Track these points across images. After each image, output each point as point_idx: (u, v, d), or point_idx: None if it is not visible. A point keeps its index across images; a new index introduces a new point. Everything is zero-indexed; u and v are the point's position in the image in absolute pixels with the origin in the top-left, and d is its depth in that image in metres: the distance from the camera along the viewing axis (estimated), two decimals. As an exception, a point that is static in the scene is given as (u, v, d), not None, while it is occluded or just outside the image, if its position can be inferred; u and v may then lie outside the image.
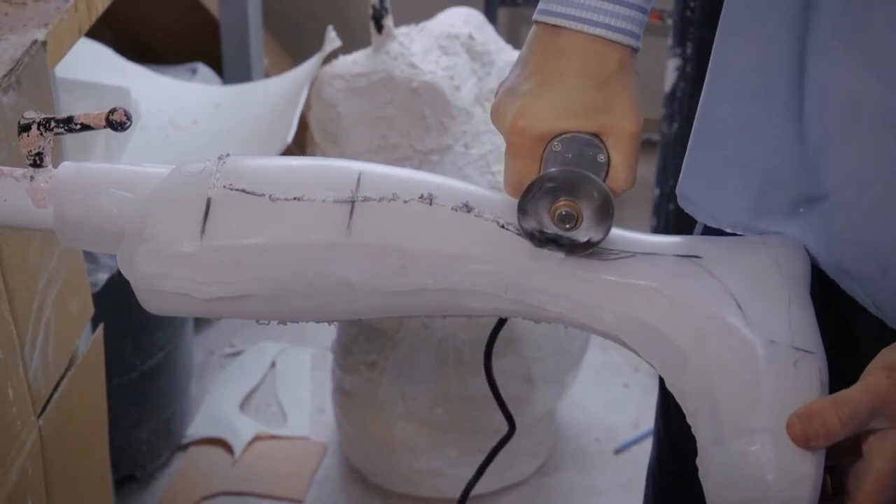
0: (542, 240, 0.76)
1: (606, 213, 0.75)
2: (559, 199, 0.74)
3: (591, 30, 0.75)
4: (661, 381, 1.03)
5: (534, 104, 0.75)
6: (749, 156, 0.81)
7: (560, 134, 0.76)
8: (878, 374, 0.70)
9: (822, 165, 0.77)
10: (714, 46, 0.82)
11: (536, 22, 0.78)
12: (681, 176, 0.86)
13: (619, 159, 0.76)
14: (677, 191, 0.87)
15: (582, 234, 0.75)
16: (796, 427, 0.70)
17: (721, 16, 0.81)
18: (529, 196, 0.75)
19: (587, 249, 0.76)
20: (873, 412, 0.69)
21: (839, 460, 0.73)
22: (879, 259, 0.76)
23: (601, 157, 0.76)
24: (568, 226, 0.75)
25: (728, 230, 0.83)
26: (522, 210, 0.75)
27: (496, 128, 0.79)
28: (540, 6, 0.77)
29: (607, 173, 0.76)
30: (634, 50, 0.77)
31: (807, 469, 0.70)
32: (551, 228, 0.75)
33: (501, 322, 0.87)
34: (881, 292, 0.77)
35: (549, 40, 0.76)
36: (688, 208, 0.86)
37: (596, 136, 0.76)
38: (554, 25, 0.76)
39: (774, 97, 0.78)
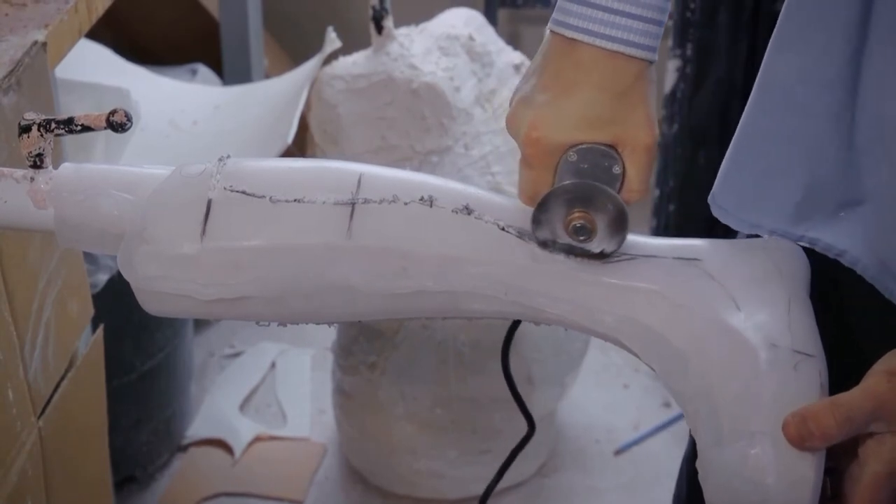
0: (554, 250, 0.76)
1: (621, 226, 0.75)
2: (574, 211, 0.74)
3: (609, 45, 0.74)
4: None
5: (549, 115, 0.75)
6: (794, 164, 0.81)
7: (576, 144, 0.75)
8: (878, 378, 0.70)
9: (868, 168, 0.77)
10: (764, 61, 0.82)
11: (552, 31, 0.77)
12: (716, 187, 0.86)
13: (634, 170, 0.76)
14: (711, 201, 0.86)
15: (595, 246, 0.75)
16: (791, 427, 0.70)
17: (774, 32, 0.81)
18: (544, 207, 0.75)
19: (599, 259, 0.76)
20: (872, 416, 0.69)
21: (838, 463, 0.73)
22: None
23: (616, 169, 0.76)
24: (582, 237, 0.75)
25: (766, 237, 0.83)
26: (536, 221, 0.75)
27: (511, 137, 0.78)
28: (555, 16, 0.76)
29: (622, 184, 0.76)
30: (651, 62, 0.77)
31: (806, 472, 0.70)
32: (565, 239, 0.75)
33: (516, 324, 0.86)
34: None
35: (565, 51, 0.76)
36: (724, 218, 0.85)
37: (611, 147, 0.76)
38: (571, 38, 0.75)
39: (826, 107, 0.78)
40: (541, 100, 0.76)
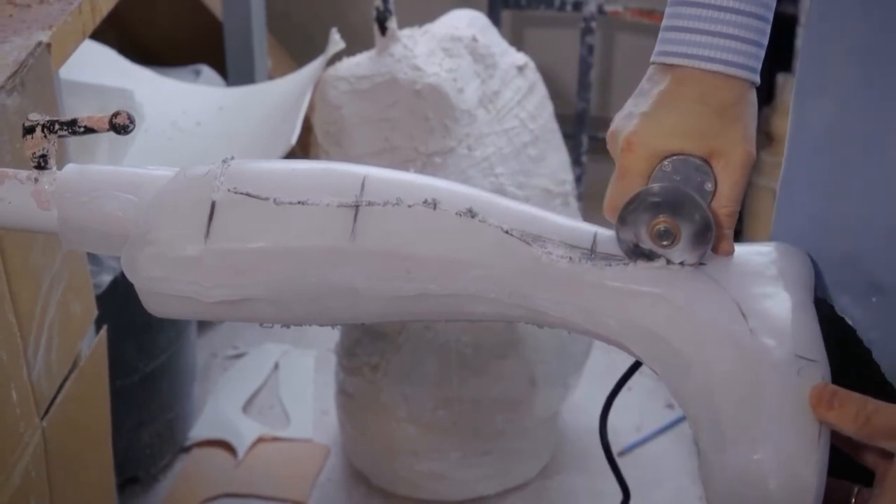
0: (635, 253, 0.76)
1: (704, 239, 0.75)
2: (660, 215, 0.75)
3: (709, 66, 0.75)
4: None
5: (649, 124, 0.76)
6: (829, 220, 0.80)
7: (672, 155, 0.76)
8: None
9: None
10: (792, 105, 0.82)
11: (654, 63, 0.78)
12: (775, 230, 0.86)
13: (726, 186, 0.76)
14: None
15: (676, 255, 0.75)
16: (821, 389, 0.69)
17: (797, 75, 0.81)
18: (631, 207, 0.75)
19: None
20: (892, 433, 0.69)
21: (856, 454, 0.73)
22: None
23: (708, 185, 0.76)
24: (665, 243, 0.75)
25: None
26: (622, 220, 0.75)
27: (610, 152, 0.78)
28: (658, 49, 0.78)
29: (711, 201, 0.76)
30: (753, 84, 0.77)
31: (809, 477, 0.70)
32: (647, 244, 0.75)
33: (635, 367, 0.85)
34: None
35: (666, 73, 0.77)
36: None
37: (705, 161, 0.76)
38: (671, 64, 0.76)
39: (851, 167, 0.78)
40: (641, 111, 0.76)
